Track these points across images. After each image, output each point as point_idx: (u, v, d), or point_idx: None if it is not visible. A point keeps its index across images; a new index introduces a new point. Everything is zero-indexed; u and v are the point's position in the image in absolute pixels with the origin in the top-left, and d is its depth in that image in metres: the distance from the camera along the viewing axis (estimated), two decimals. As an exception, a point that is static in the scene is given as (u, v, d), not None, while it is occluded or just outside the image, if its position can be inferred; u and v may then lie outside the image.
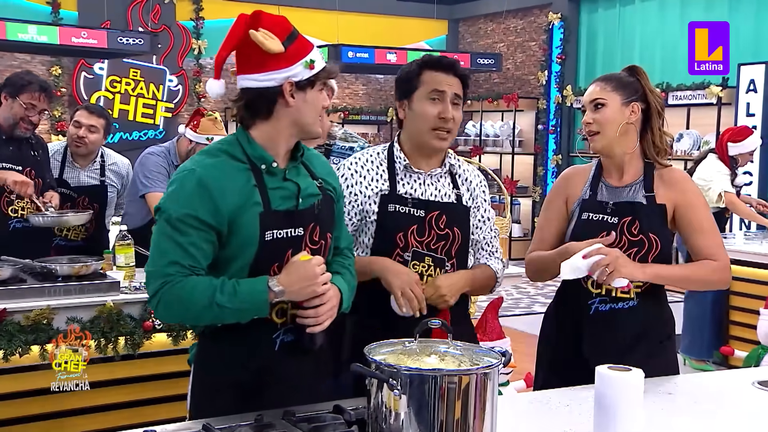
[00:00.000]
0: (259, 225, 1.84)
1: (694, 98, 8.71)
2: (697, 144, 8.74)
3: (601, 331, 2.34)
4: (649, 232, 2.32)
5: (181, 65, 10.83)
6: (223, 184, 1.83)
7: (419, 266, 2.28)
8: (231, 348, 1.91)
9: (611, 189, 2.42)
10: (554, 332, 2.49)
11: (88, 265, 3.36)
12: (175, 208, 1.82)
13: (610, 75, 2.45)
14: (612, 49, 10.32)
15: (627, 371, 1.69)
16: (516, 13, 11.70)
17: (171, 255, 1.81)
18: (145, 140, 10.40)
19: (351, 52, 9.80)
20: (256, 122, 1.92)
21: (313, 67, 1.89)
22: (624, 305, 2.33)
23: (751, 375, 2.37)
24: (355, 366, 1.60)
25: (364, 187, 2.30)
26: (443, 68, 2.27)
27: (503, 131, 11.09)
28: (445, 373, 1.55)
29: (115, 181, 4.31)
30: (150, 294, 1.85)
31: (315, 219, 1.94)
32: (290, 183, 1.93)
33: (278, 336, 1.93)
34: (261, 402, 1.87)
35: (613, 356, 2.24)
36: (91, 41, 8.33)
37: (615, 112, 2.36)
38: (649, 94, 2.40)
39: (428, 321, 1.77)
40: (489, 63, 10.71)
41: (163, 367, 3.36)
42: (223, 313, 1.81)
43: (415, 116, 2.29)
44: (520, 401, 2.04)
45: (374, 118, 11.77)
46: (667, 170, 2.41)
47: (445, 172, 2.37)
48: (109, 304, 3.19)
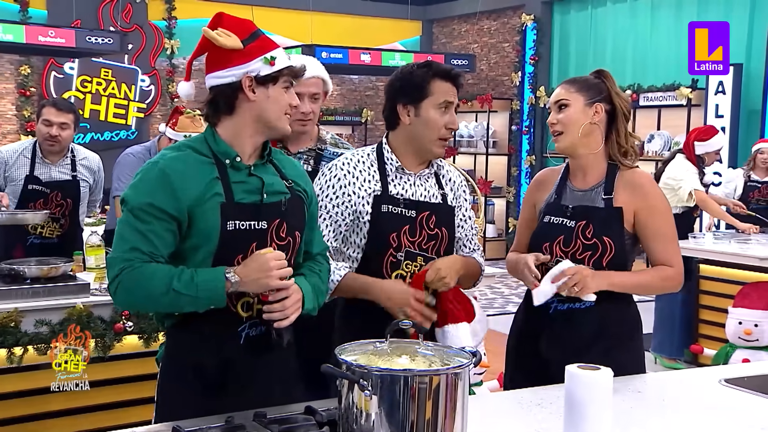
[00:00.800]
0: (220, 215, 1.89)
1: (665, 99, 8.82)
2: (668, 145, 8.85)
3: (559, 330, 2.38)
4: (603, 235, 2.34)
5: (153, 65, 10.73)
6: (184, 175, 1.89)
7: (412, 266, 2.33)
8: (196, 340, 1.94)
9: (574, 192, 2.46)
10: (519, 332, 2.52)
11: (58, 267, 3.33)
12: (136, 197, 1.88)
13: (576, 77, 2.49)
14: (584, 50, 10.42)
15: (596, 370, 1.71)
16: (489, 14, 11.76)
17: (131, 242, 1.86)
18: (117, 140, 10.30)
19: (325, 52, 9.77)
20: (220, 118, 1.99)
21: (274, 64, 1.95)
22: (581, 305, 2.36)
23: (719, 373, 2.41)
24: (326, 367, 1.60)
25: (358, 188, 2.34)
26: (451, 79, 2.35)
27: (477, 132, 11.15)
28: (415, 373, 1.56)
29: (87, 176, 4.29)
30: (110, 279, 1.90)
31: (281, 215, 1.98)
32: (254, 178, 1.98)
33: (243, 329, 1.96)
34: (226, 395, 1.92)
35: (571, 355, 2.29)
36: (59, 40, 8.21)
37: (578, 112, 2.39)
38: (615, 96, 2.43)
39: (399, 322, 1.78)
40: (463, 64, 10.74)
41: (134, 369, 3.33)
42: (180, 300, 1.85)
43: (423, 123, 2.35)
44: (491, 401, 2.06)
45: (348, 119, 11.75)
46: (631, 172, 2.43)
47: (431, 173, 2.44)
48: (78, 306, 3.17)
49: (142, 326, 3.25)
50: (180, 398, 1.93)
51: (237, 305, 1.95)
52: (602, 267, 2.34)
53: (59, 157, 4.19)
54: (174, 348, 2.00)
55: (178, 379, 1.97)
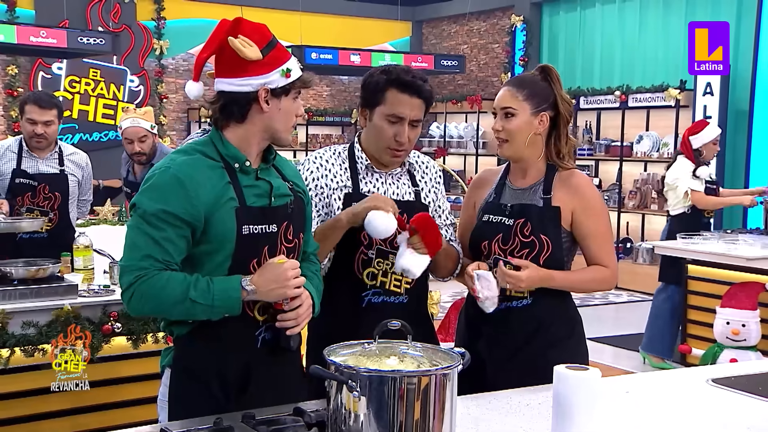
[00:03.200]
0: (235, 220, 1.89)
1: (654, 100, 8.86)
2: (657, 145, 8.89)
3: (496, 330, 2.39)
4: (541, 233, 2.35)
5: (142, 65, 10.71)
6: (197, 180, 1.88)
7: (383, 263, 2.31)
8: (213, 346, 1.93)
9: (513, 191, 2.46)
10: (461, 334, 2.53)
11: (45, 268, 3.31)
12: (150, 203, 1.87)
13: (523, 79, 2.44)
14: (573, 51, 10.46)
15: (584, 370, 1.71)
16: (479, 15, 11.79)
17: (145, 249, 1.85)
18: (105, 141, 10.28)
19: (314, 53, 9.77)
20: (229, 124, 1.98)
21: (290, 76, 1.95)
22: (518, 304, 2.38)
23: (706, 373, 2.42)
24: (314, 368, 1.60)
25: (330, 180, 2.34)
26: (408, 91, 2.26)
27: (467, 132, 11.17)
28: (404, 374, 1.56)
29: (75, 171, 4.29)
30: (123, 287, 1.88)
31: (288, 217, 2.00)
32: (262, 182, 1.99)
33: (260, 333, 1.97)
34: (246, 400, 1.91)
35: (507, 355, 2.33)
36: (50, 41, 8.17)
37: (524, 122, 2.38)
38: (560, 102, 2.40)
39: (388, 322, 1.77)
40: (452, 65, 10.77)
41: (123, 371, 3.32)
42: (195, 308, 1.84)
43: (372, 130, 2.33)
44: (480, 402, 2.06)
45: (338, 120, 11.77)
46: (569, 173, 2.43)
47: (404, 170, 2.42)
48: (66, 307, 3.15)
49: (130, 327, 3.24)
50: (198, 405, 1.90)
51: (254, 309, 1.95)
52: (539, 264, 2.35)
53: (46, 152, 4.20)
54: (187, 355, 1.96)
55: (194, 387, 1.93)
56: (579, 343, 2.47)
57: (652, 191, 8.89)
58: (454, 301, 3.94)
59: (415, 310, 2.36)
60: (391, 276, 2.32)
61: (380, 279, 2.32)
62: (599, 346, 6.13)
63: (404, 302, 2.34)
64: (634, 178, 9.19)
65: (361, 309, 2.30)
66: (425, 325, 2.43)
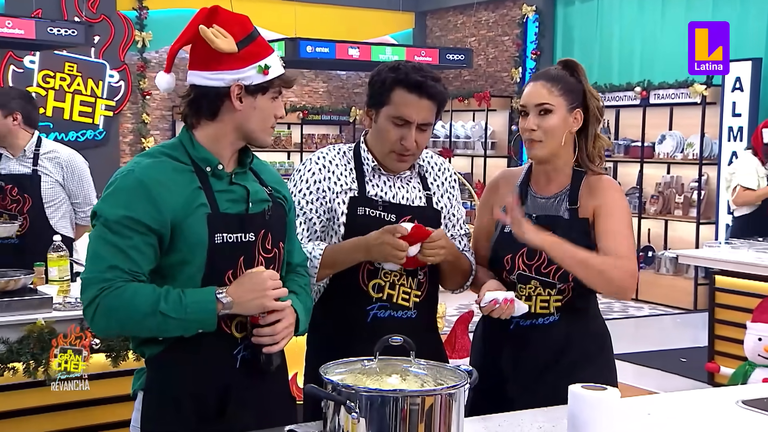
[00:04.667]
0: (207, 227, 1.87)
1: (677, 97, 8.85)
2: (681, 146, 8.88)
3: (520, 349, 2.38)
4: None
5: (122, 59, 10.73)
6: (163, 184, 1.87)
7: (390, 275, 2.30)
8: (188, 368, 1.91)
9: (536, 199, 2.44)
10: (479, 351, 2.52)
11: (17, 280, 3.30)
12: (112, 210, 1.85)
13: (554, 74, 2.42)
14: (589, 44, 10.47)
15: (602, 390, 1.72)
16: (487, 5, 11.81)
17: (110, 259, 1.83)
18: (83, 141, 10.29)
19: (310, 46, 9.79)
20: (200, 122, 1.97)
21: (268, 73, 1.93)
22: (544, 320, 2.37)
23: (736, 394, 2.41)
24: (309, 387, 1.60)
25: (333, 183, 2.32)
26: (417, 91, 2.24)
27: (474, 132, 11.18)
28: (407, 394, 1.56)
29: (51, 171, 4.24)
30: (86, 303, 1.85)
31: (266, 225, 1.98)
32: (238, 187, 1.97)
33: (239, 352, 1.95)
34: (224, 424, 1.89)
35: (532, 375, 2.32)
36: (17, 31, 8.17)
37: (562, 120, 2.36)
38: (590, 98, 2.40)
39: (389, 337, 1.78)
40: (459, 59, 10.79)
41: (102, 391, 3.31)
42: (167, 323, 1.82)
43: (377, 132, 2.32)
44: (489, 423, 2.05)
45: (336, 119, 11.77)
46: (597, 179, 2.42)
47: (414, 173, 2.40)
48: (39, 322, 3.15)
49: (109, 344, 3.24)
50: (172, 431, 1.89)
51: (231, 326, 1.93)
52: (568, 282, 2.35)
53: (16, 149, 4.19)
54: (160, 378, 1.94)
55: (169, 412, 1.91)
56: (608, 359, 2.48)
57: (675, 195, 8.89)
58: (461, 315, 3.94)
59: (424, 327, 2.35)
60: (399, 288, 2.30)
61: (387, 291, 2.30)
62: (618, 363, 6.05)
63: (413, 317, 2.32)
64: (656, 181, 9.20)
65: (365, 324, 2.28)
66: (434, 343, 2.43)
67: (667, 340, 5.96)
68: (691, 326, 7.54)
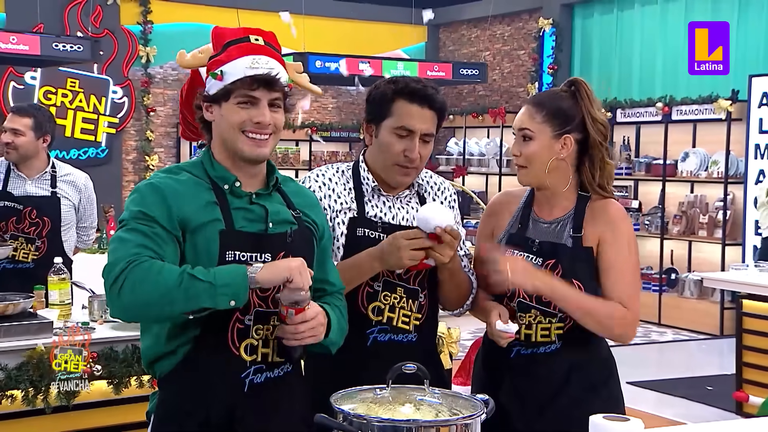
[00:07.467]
0: (218, 242, 1.91)
1: (701, 113, 8.83)
2: (705, 164, 8.85)
3: (521, 379, 2.36)
4: (572, 278, 2.31)
5: (126, 75, 10.81)
6: (177, 191, 1.94)
7: (390, 297, 2.32)
8: (195, 391, 1.94)
9: (538, 224, 2.43)
10: (478, 380, 2.51)
11: (16, 303, 3.32)
12: (131, 208, 1.93)
13: (545, 98, 2.42)
14: (609, 58, 10.49)
15: (624, 421, 1.71)
16: (502, 18, 11.87)
17: (136, 241, 1.87)
18: (85, 159, 10.35)
19: (319, 61, 9.85)
20: (209, 140, 2.08)
21: (221, 79, 1.97)
22: (546, 349, 2.36)
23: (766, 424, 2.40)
24: (319, 417, 1.60)
25: (333, 201, 2.36)
26: (418, 100, 2.29)
27: (489, 149, 11.19)
28: (421, 424, 1.56)
29: (70, 194, 4.28)
30: (110, 282, 1.84)
31: (286, 247, 1.99)
32: (257, 206, 2.01)
33: (247, 376, 1.96)
34: None
35: (534, 407, 2.31)
36: (21, 47, 8.26)
37: (543, 147, 2.35)
38: (589, 123, 2.35)
39: (403, 365, 1.78)
40: (473, 74, 10.83)
41: (104, 420, 3.32)
42: (196, 287, 1.80)
43: (379, 146, 2.36)
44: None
45: (345, 135, 11.81)
46: (603, 203, 2.39)
47: (413, 192, 2.44)
48: (39, 347, 3.15)
49: (111, 370, 3.24)
50: None
51: (240, 348, 1.95)
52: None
53: (33, 170, 4.21)
54: (169, 398, 1.98)
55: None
56: (616, 388, 2.45)
57: (700, 215, 8.86)
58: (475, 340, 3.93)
59: (425, 351, 2.37)
60: (399, 311, 2.32)
61: (387, 314, 2.32)
62: (640, 391, 6.09)
63: (413, 341, 2.34)
64: (680, 200, 9.17)
65: (365, 348, 2.30)
66: (436, 368, 2.43)
67: (693, 366, 5.92)
68: (717, 352, 7.51)
